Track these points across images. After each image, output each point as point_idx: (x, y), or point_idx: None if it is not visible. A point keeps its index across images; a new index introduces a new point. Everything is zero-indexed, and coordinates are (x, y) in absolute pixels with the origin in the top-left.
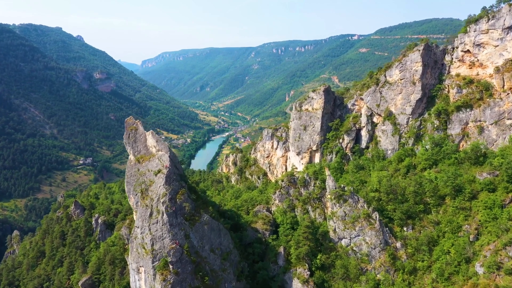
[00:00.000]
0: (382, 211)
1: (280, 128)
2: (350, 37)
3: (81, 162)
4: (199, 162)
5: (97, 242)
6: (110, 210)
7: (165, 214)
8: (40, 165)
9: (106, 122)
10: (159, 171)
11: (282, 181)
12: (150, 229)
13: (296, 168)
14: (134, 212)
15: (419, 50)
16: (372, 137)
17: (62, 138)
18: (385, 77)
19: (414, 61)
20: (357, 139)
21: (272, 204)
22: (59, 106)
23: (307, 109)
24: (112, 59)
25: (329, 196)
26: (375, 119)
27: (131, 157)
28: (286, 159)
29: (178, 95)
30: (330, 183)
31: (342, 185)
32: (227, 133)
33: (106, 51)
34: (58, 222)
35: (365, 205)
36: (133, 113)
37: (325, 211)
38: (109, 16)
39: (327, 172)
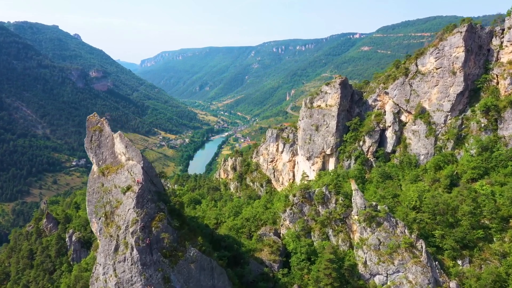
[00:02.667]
0: (427, 237)
1: (286, 128)
2: (351, 36)
3: (74, 163)
4: (198, 163)
5: (71, 263)
6: (87, 224)
7: (135, 249)
8: (30, 167)
9: None
10: (128, 188)
11: (294, 196)
12: (115, 270)
13: (307, 176)
14: (99, 241)
15: (461, 32)
16: (399, 139)
17: (55, 138)
18: (417, 66)
19: (454, 46)
20: (381, 141)
21: (281, 225)
22: (52, 105)
23: (320, 105)
24: (109, 58)
25: (356, 217)
26: (403, 117)
27: (94, 167)
28: (294, 165)
29: (177, 94)
30: (358, 200)
31: (374, 203)
32: (226, 133)
33: (106, 51)
34: (27, 238)
35: (406, 231)
36: (130, 113)
37: (351, 236)
38: (109, 16)
39: (353, 185)
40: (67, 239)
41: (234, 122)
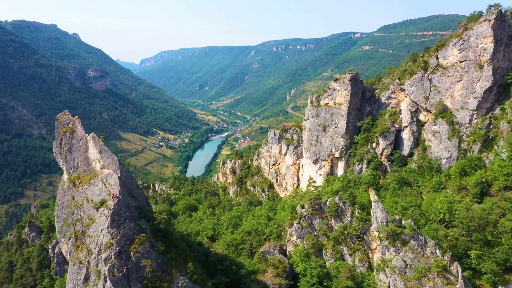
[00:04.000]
0: (460, 258)
1: (290, 128)
2: (352, 35)
3: None
4: (197, 164)
5: (54, 277)
6: None
7: (108, 281)
8: (25, 168)
9: (99, 121)
10: (102, 202)
11: (302, 207)
12: None
13: (314, 181)
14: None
15: (489, 21)
16: (418, 141)
17: (51, 138)
18: (437, 59)
19: (481, 36)
20: (397, 143)
21: (288, 241)
22: (49, 105)
23: (328, 104)
24: (108, 57)
25: (377, 233)
26: (422, 117)
27: (64, 176)
28: (298, 168)
29: (177, 94)
30: (378, 213)
31: (398, 217)
32: (226, 133)
33: (105, 51)
34: (8, 249)
35: (437, 251)
36: (128, 112)
37: (370, 255)
38: (108, 15)
39: (372, 196)
40: (50, 250)
41: (234, 122)
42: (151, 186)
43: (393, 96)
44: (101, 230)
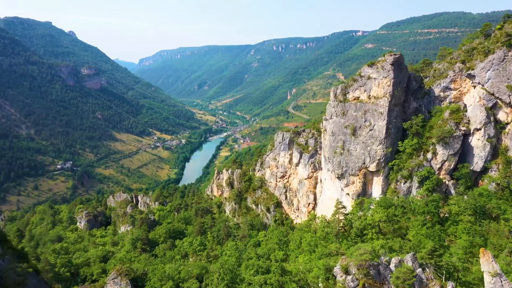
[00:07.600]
0: None
1: (304, 131)
2: (354, 33)
3: (58, 166)
4: (195, 165)
5: None
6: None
7: None
8: (9, 171)
9: (92, 121)
10: None
11: (346, 271)
12: None
13: (343, 207)
14: None
15: None
16: (496, 150)
17: (40, 139)
18: None
19: None
20: (463, 153)
21: None
22: (39, 104)
23: (359, 98)
24: (104, 55)
25: None
26: (502, 115)
27: None
28: (316, 183)
29: (176, 93)
30: None
31: None
32: (225, 133)
33: (104, 50)
34: None
35: None
36: (123, 112)
37: None
38: (108, 15)
39: (489, 263)
40: None
41: (233, 122)
42: (133, 200)
43: (453, 87)
44: None
